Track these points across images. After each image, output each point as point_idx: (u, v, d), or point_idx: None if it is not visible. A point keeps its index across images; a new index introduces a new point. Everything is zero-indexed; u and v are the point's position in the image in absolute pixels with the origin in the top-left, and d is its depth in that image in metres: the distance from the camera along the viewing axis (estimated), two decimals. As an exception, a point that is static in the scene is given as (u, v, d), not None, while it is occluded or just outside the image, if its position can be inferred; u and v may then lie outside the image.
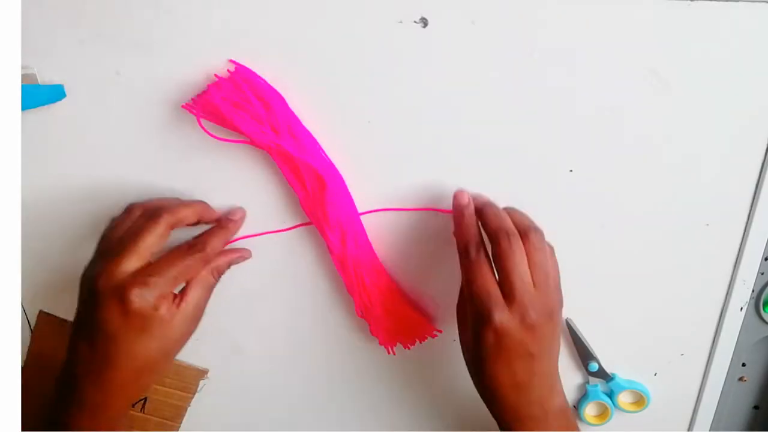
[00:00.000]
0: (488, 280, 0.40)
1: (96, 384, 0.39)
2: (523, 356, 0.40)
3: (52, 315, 0.51)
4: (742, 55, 0.42)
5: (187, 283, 0.41)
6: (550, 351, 0.42)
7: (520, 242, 0.40)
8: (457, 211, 0.44)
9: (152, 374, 0.41)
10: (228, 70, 0.42)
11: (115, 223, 0.42)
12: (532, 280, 0.40)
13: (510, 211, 0.43)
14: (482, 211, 0.43)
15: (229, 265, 0.45)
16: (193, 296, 0.41)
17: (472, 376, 0.43)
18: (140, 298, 0.38)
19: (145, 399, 0.53)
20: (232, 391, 0.54)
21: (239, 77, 0.42)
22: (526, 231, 0.41)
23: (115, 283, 0.38)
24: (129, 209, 0.43)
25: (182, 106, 0.43)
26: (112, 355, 0.39)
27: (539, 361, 0.40)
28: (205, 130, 0.42)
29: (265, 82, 0.43)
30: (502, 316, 0.39)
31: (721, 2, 0.40)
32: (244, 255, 0.46)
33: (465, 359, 0.43)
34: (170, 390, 0.53)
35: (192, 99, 0.43)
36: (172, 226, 0.41)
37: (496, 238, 0.40)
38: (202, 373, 0.53)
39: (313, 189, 0.44)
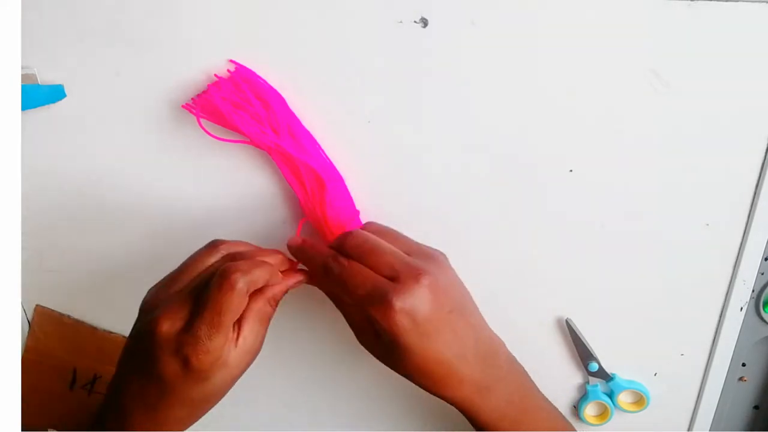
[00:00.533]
0: (368, 276, 0.37)
1: (148, 418, 0.38)
2: (445, 320, 0.37)
3: (49, 309, 0.51)
4: (742, 55, 0.42)
5: (243, 316, 0.38)
6: (463, 298, 0.40)
7: (365, 231, 0.39)
8: (294, 250, 0.42)
9: (209, 407, 0.40)
10: (228, 70, 0.42)
11: (195, 257, 0.39)
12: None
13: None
14: (310, 244, 0.41)
15: (285, 292, 0.41)
16: (250, 330, 0.38)
17: (420, 384, 0.39)
18: (203, 356, 0.36)
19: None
20: (230, 391, 0.54)
21: (239, 77, 0.42)
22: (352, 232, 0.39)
23: (175, 339, 0.36)
24: (213, 246, 0.40)
25: (182, 106, 0.43)
26: (167, 399, 0.37)
27: (463, 314, 0.39)
28: (205, 130, 0.42)
29: (265, 82, 0.43)
30: (401, 298, 0.36)
31: (721, 2, 0.40)
32: (302, 280, 0.42)
33: (398, 371, 0.40)
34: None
35: (192, 99, 0.43)
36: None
37: (343, 243, 0.39)
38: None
39: (313, 189, 0.44)
